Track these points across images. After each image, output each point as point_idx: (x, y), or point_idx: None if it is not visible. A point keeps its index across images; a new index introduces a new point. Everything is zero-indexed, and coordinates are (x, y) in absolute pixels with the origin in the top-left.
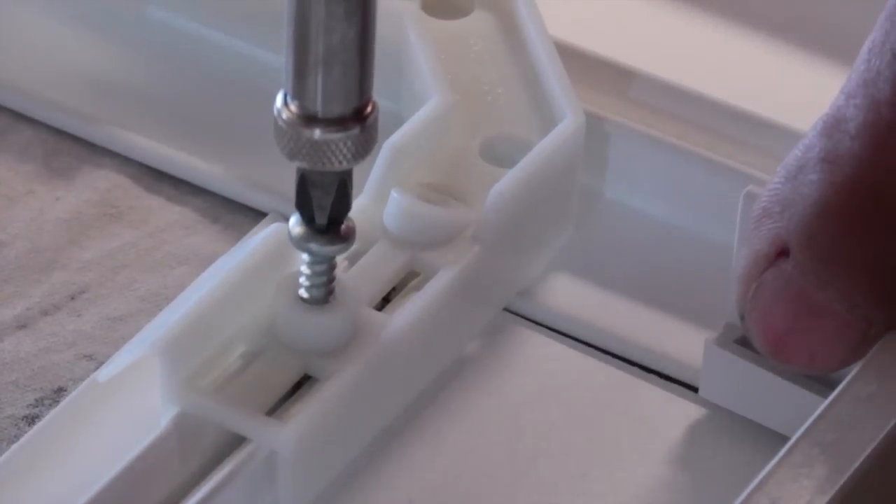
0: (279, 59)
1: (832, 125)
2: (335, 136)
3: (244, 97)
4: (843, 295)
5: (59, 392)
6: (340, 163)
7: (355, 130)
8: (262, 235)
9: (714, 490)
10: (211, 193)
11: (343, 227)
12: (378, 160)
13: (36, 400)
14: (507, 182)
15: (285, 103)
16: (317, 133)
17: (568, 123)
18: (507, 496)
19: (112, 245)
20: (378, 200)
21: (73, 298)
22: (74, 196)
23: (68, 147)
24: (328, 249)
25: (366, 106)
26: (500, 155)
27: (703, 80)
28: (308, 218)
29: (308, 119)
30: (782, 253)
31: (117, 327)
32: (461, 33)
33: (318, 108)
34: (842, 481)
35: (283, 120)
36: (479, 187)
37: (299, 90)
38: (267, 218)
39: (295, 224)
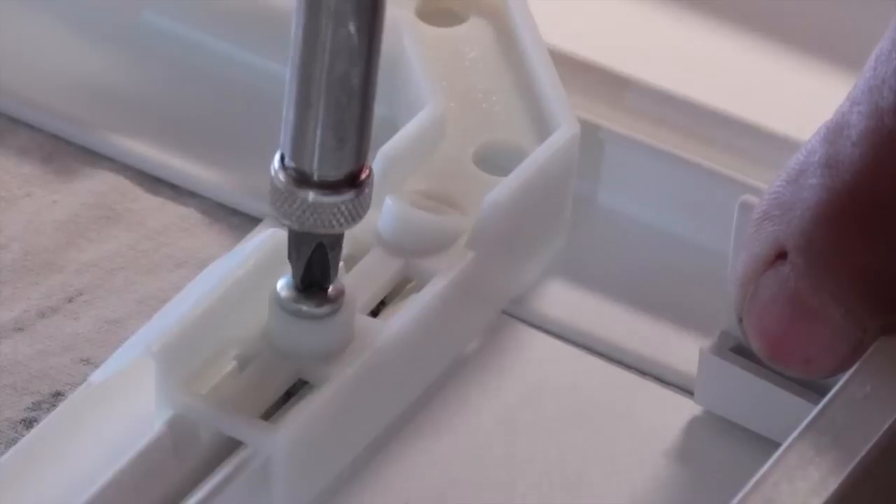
0: (275, 65)
1: (835, 131)
2: (329, 199)
3: (240, 103)
4: (838, 300)
5: (57, 396)
6: (333, 226)
7: (349, 195)
8: (258, 241)
9: (710, 491)
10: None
11: (331, 289)
12: (372, 168)
13: (33, 403)
14: (501, 190)
15: (282, 164)
16: (311, 196)
17: (562, 132)
18: (504, 498)
19: (109, 247)
20: (372, 207)
21: (70, 301)
22: (72, 198)
23: (65, 149)
24: (318, 311)
25: (361, 171)
26: (494, 163)
27: (699, 88)
28: (299, 276)
29: (303, 181)
30: (780, 256)
31: (115, 330)
32: (456, 41)
33: (314, 170)
34: (837, 483)
35: (278, 180)
36: (473, 195)
37: (297, 151)
38: (262, 223)
39: (283, 287)
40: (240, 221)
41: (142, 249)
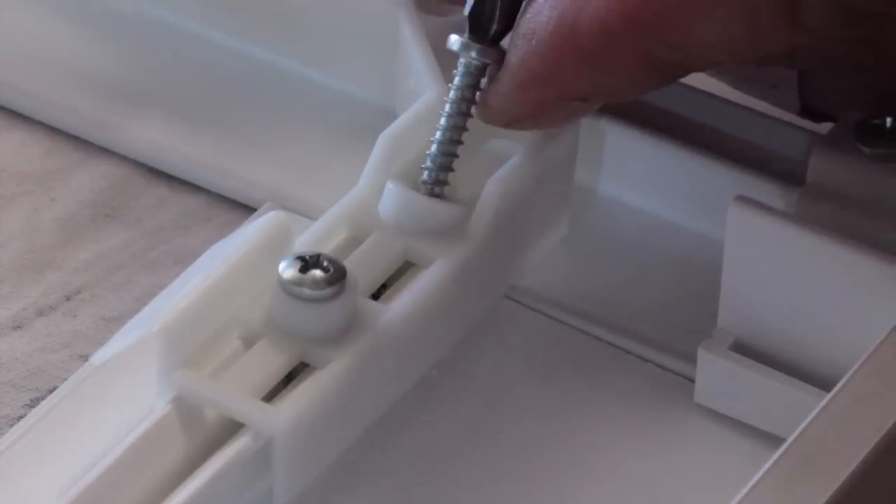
0: (274, 56)
1: None
2: None
3: (240, 94)
4: None
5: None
6: None
7: None
8: (261, 222)
9: (709, 478)
10: (206, 192)
11: (332, 271)
12: (374, 152)
13: (31, 400)
14: (502, 174)
15: None
16: None
17: None
18: (505, 480)
19: (107, 245)
20: (374, 191)
21: (68, 299)
22: (70, 196)
23: (63, 147)
24: (320, 294)
25: None
26: (496, 149)
27: (698, 76)
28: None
29: None
30: None
31: (113, 328)
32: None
33: None
34: (839, 482)
35: None
36: (475, 181)
37: None
38: (264, 207)
39: (286, 269)
40: (237, 217)
41: (140, 247)
